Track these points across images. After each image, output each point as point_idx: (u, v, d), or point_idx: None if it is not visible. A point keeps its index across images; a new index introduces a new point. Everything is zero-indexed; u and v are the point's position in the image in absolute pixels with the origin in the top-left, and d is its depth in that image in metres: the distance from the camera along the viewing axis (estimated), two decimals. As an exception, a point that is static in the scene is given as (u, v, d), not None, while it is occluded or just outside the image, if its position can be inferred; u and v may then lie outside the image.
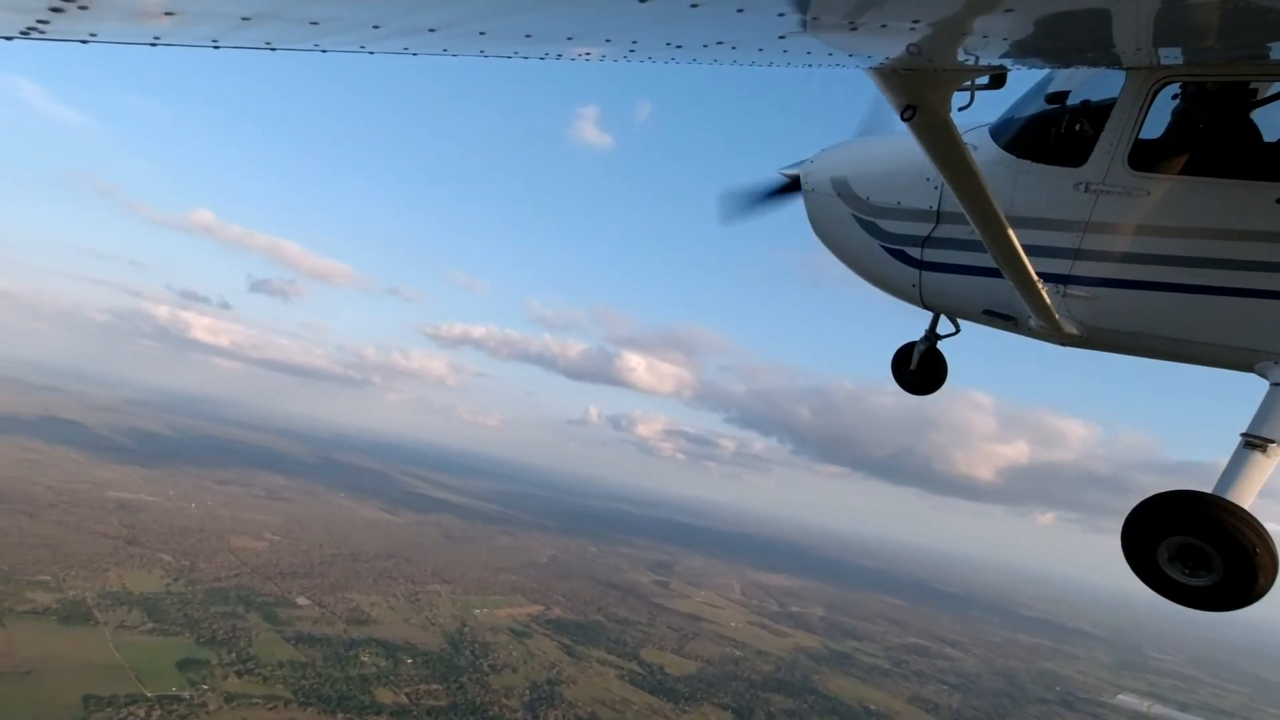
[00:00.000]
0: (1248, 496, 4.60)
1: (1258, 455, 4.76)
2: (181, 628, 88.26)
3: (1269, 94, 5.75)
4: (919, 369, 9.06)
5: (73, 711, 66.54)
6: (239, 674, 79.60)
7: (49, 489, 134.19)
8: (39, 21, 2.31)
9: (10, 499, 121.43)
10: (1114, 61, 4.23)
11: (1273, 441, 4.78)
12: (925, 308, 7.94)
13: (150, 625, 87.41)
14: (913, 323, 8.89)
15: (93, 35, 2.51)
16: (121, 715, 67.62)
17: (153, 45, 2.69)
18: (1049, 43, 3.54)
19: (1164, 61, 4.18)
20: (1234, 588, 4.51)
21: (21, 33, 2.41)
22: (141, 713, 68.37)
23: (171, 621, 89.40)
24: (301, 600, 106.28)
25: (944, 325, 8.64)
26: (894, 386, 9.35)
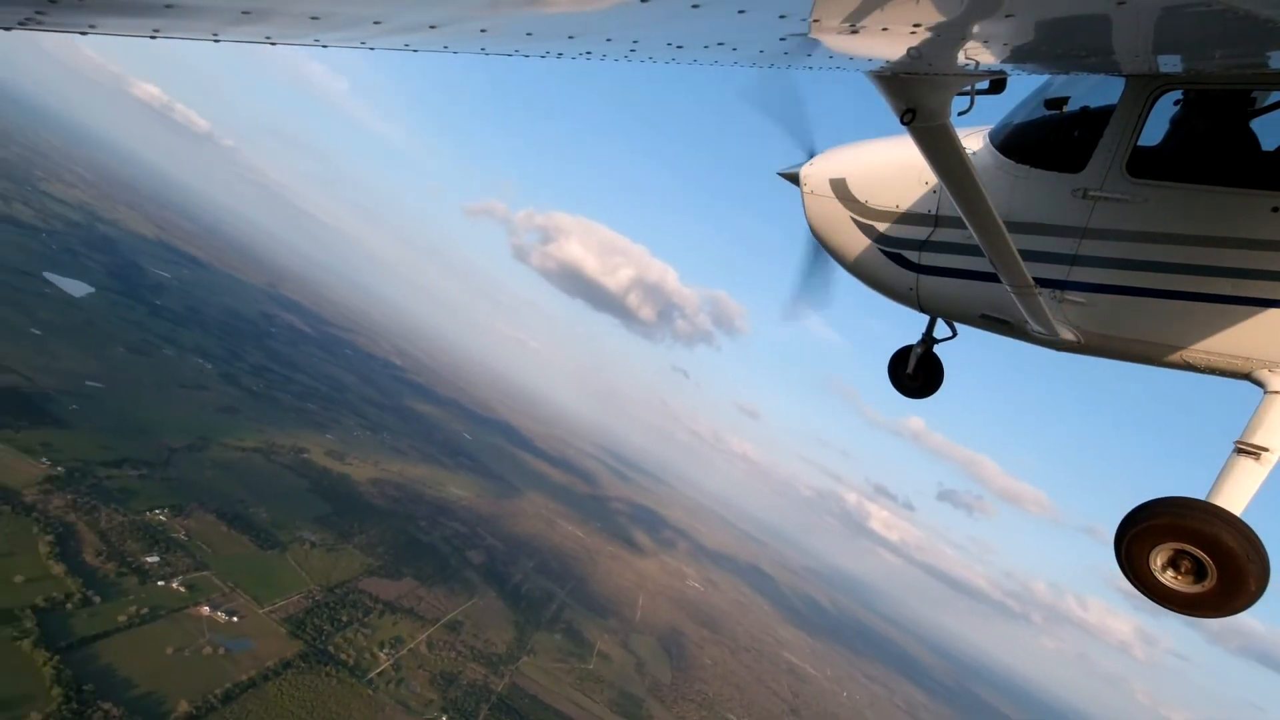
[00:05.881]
0: (1241, 503, 4.61)
1: (1251, 463, 4.73)
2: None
3: (1268, 102, 5.59)
4: (916, 372, 8.96)
5: None
6: None
7: (746, 633, 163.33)
8: (36, 13, 2.30)
9: (722, 631, 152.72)
10: (1113, 68, 4.15)
11: (1266, 449, 4.75)
12: (923, 311, 7.80)
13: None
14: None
15: (91, 27, 2.49)
16: None
17: (152, 38, 2.67)
18: (1049, 48, 3.52)
19: (1163, 69, 4.13)
20: (1226, 595, 4.52)
21: (20, 23, 2.39)
22: None
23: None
24: None
25: (941, 329, 8.60)
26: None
